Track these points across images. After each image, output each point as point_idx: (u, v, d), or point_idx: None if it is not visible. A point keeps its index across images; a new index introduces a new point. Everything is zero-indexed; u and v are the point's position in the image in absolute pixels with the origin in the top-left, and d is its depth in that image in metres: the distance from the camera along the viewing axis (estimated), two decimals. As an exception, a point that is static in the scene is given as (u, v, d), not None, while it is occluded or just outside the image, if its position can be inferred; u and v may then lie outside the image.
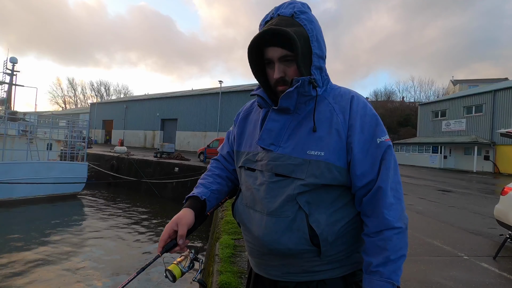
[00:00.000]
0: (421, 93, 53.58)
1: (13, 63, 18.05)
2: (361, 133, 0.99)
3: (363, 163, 0.98)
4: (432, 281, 3.48)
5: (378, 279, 0.93)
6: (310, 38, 1.00)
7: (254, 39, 1.01)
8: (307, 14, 1.03)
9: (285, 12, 1.03)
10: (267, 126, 1.05)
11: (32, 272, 6.84)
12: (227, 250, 3.59)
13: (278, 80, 1.02)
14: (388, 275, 0.93)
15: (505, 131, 7.16)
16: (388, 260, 0.93)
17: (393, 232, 0.95)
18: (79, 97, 78.44)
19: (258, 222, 1.04)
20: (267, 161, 1.04)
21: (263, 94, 1.08)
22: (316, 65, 1.02)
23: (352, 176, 0.99)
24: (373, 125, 1.00)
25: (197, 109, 34.56)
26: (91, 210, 13.48)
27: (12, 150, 13.73)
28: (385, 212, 0.95)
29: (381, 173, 0.97)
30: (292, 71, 1.02)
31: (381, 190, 0.96)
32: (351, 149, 0.98)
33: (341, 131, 0.99)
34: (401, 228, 0.96)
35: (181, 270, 0.98)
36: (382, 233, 0.95)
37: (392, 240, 0.94)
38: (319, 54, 1.02)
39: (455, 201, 9.34)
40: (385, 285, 0.92)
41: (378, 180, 0.97)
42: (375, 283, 0.93)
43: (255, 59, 1.07)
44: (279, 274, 1.06)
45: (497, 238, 5.23)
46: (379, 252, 0.95)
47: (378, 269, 0.93)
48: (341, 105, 1.02)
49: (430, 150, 28.55)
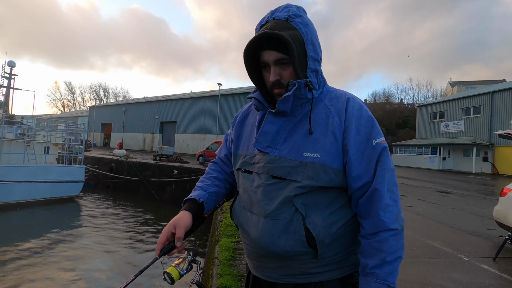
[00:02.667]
0: (420, 95, 53.72)
1: (11, 66, 18.06)
2: (356, 134, 0.99)
3: (358, 165, 0.98)
4: (432, 283, 3.47)
5: (374, 281, 0.93)
6: (305, 41, 1.01)
7: (250, 43, 1.02)
8: (302, 17, 1.03)
9: (280, 16, 1.03)
10: (263, 129, 1.05)
11: (29, 276, 6.80)
12: (227, 253, 3.57)
13: (274, 83, 1.03)
14: (384, 277, 0.93)
15: (504, 132, 7.18)
16: (384, 262, 0.93)
17: (389, 234, 0.95)
18: (78, 100, 78.59)
19: (255, 224, 1.04)
20: (263, 164, 1.04)
21: (260, 97, 1.09)
22: (311, 68, 1.03)
23: (348, 178, 0.99)
24: (369, 127, 1.01)
25: (196, 111, 34.59)
26: (88, 213, 13.43)
27: (9, 153, 13.71)
28: (381, 214, 0.95)
29: (377, 174, 0.98)
30: (288, 74, 1.02)
31: (377, 192, 0.96)
32: (347, 151, 0.98)
33: (337, 133, 0.99)
34: (397, 229, 0.96)
35: (179, 272, 0.99)
36: (378, 234, 0.95)
37: (388, 242, 0.94)
38: (314, 57, 1.03)
39: (455, 203, 9.34)
40: (381, 286, 0.92)
41: (374, 182, 0.97)
42: (371, 285, 0.93)
43: (251, 62, 1.08)
44: (277, 276, 1.06)
45: (497, 239, 5.22)
46: (375, 253, 0.95)
47: (374, 270, 0.93)
48: (337, 107, 1.03)
49: (429, 151, 28.59)
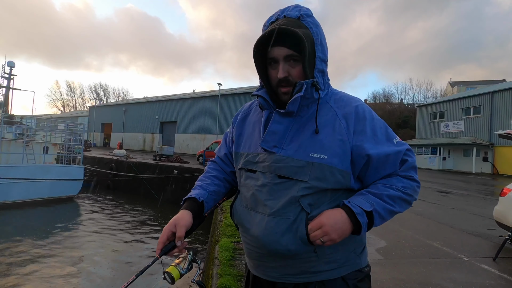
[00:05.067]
0: (420, 95, 53.73)
1: (11, 67, 18.09)
2: (373, 136, 1.01)
3: (385, 164, 1.02)
4: (432, 283, 3.46)
5: (362, 198, 0.98)
6: (315, 41, 1.01)
7: (261, 37, 1.01)
8: (312, 17, 1.04)
9: (291, 14, 1.03)
10: (271, 128, 1.04)
11: (28, 276, 6.79)
12: (227, 253, 3.57)
13: (282, 80, 1.02)
14: (372, 202, 0.97)
15: (503, 132, 7.18)
16: (381, 198, 0.98)
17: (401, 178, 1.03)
18: (78, 101, 78.58)
19: (258, 223, 1.04)
20: (269, 163, 1.03)
21: (266, 95, 1.08)
22: (319, 68, 1.03)
23: (374, 176, 1.03)
24: (383, 128, 1.05)
25: (196, 111, 34.58)
26: (88, 213, 13.43)
27: (8, 153, 13.70)
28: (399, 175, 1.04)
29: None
30: (296, 71, 1.02)
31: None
32: (368, 156, 0.99)
33: (344, 136, 1.00)
34: (411, 196, 1.02)
35: (180, 272, 0.98)
36: (390, 176, 1.03)
37: (400, 183, 1.01)
38: (322, 57, 1.04)
39: (455, 203, 9.33)
40: (364, 203, 0.95)
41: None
42: (358, 198, 0.98)
43: (258, 59, 1.07)
44: (278, 275, 1.06)
45: (497, 239, 5.22)
46: (378, 188, 1.00)
47: (369, 195, 0.99)
48: (344, 111, 1.04)
49: (429, 151, 28.59)
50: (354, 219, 0.93)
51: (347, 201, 0.97)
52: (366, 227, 0.95)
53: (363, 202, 0.95)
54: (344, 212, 0.95)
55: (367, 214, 0.94)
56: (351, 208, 0.94)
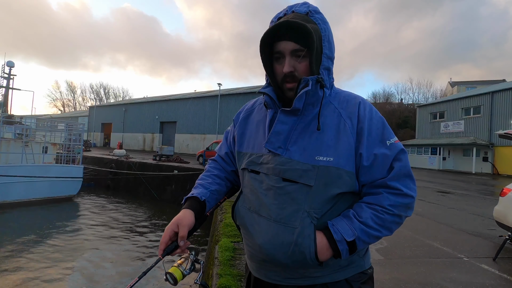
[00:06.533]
0: (420, 95, 53.72)
1: (10, 67, 18.09)
2: (368, 136, 0.99)
3: (373, 167, 0.99)
4: (432, 283, 3.46)
5: (347, 223, 0.96)
6: (322, 37, 1.00)
7: (269, 30, 0.99)
8: (321, 14, 1.04)
9: (300, 10, 1.03)
10: (275, 129, 1.02)
11: (28, 276, 6.78)
12: (227, 253, 3.57)
13: (287, 75, 1.00)
14: (355, 230, 0.94)
15: (503, 132, 7.20)
16: (367, 225, 0.95)
17: (390, 192, 0.98)
18: (78, 100, 78.53)
19: (264, 229, 1.02)
20: (274, 165, 1.01)
21: (272, 93, 1.05)
22: (325, 65, 1.02)
23: (363, 179, 1.00)
24: (380, 128, 1.01)
25: (196, 111, 34.56)
26: (88, 213, 13.41)
27: (7, 153, 13.68)
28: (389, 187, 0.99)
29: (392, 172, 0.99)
30: (303, 67, 1.00)
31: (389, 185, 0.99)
32: (360, 155, 0.98)
33: (349, 137, 0.99)
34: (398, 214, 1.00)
35: (182, 272, 0.96)
36: (378, 188, 0.99)
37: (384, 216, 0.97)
38: (329, 54, 1.02)
39: (455, 203, 9.33)
40: (347, 231, 0.94)
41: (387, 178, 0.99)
42: (342, 223, 0.96)
43: (264, 54, 1.05)
44: (280, 278, 1.05)
45: (497, 239, 5.22)
46: (364, 209, 0.97)
47: (356, 218, 0.96)
48: (348, 111, 1.02)
49: (429, 151, 28.58)
50: (334, 245, 0.93)
51: (331, 224, 0.96)
52: (348, 254, 0.94)
53: (346, 228, 0.94)
54: (325, 238, 0.94)
55: (349, 242, 0.93)
56: (332, 235, 0.94)
